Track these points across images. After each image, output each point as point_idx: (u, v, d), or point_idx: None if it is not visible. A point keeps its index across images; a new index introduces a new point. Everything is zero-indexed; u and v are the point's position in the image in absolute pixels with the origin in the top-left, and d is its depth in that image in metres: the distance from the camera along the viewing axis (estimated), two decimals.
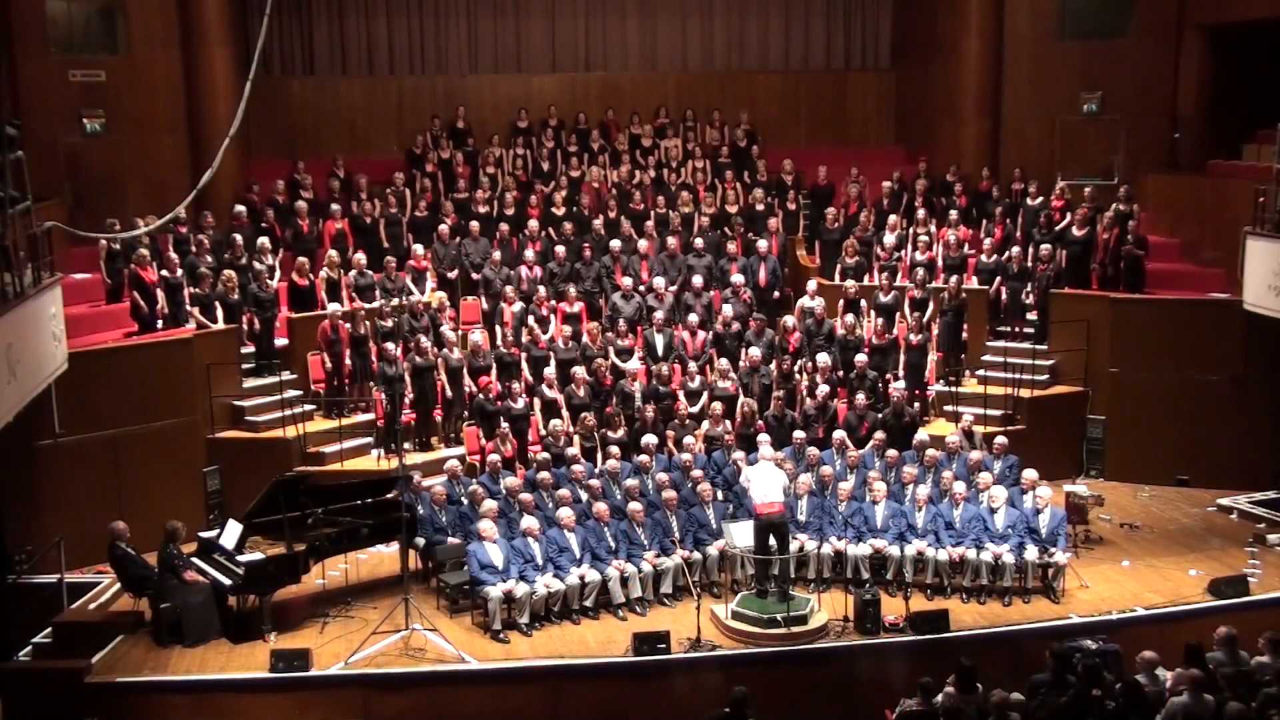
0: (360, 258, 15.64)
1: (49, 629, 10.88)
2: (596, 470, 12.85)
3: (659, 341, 15.05)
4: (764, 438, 13.04)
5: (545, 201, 17.41)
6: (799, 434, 13.27)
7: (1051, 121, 18.30)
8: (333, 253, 15.52)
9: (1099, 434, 15.07)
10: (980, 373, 15.29)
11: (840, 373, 14.67)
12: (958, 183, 17.36)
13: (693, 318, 15.37)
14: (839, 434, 13.27)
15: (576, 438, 13.52)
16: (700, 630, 10.87)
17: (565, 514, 11.68)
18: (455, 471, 12.72)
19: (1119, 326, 14.90)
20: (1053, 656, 9.27)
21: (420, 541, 12.07)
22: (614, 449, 13.06)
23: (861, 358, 14.37)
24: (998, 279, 15.72)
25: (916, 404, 14.55)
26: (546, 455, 12.90)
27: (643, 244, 16.56)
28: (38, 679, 10.22)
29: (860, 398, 13.94)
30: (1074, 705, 8.70)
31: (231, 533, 11.48)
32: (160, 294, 14.25)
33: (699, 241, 16.53)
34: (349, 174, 17.51)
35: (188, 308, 14.40)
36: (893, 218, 16.60)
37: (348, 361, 14.52)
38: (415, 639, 10.83)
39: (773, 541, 11.21)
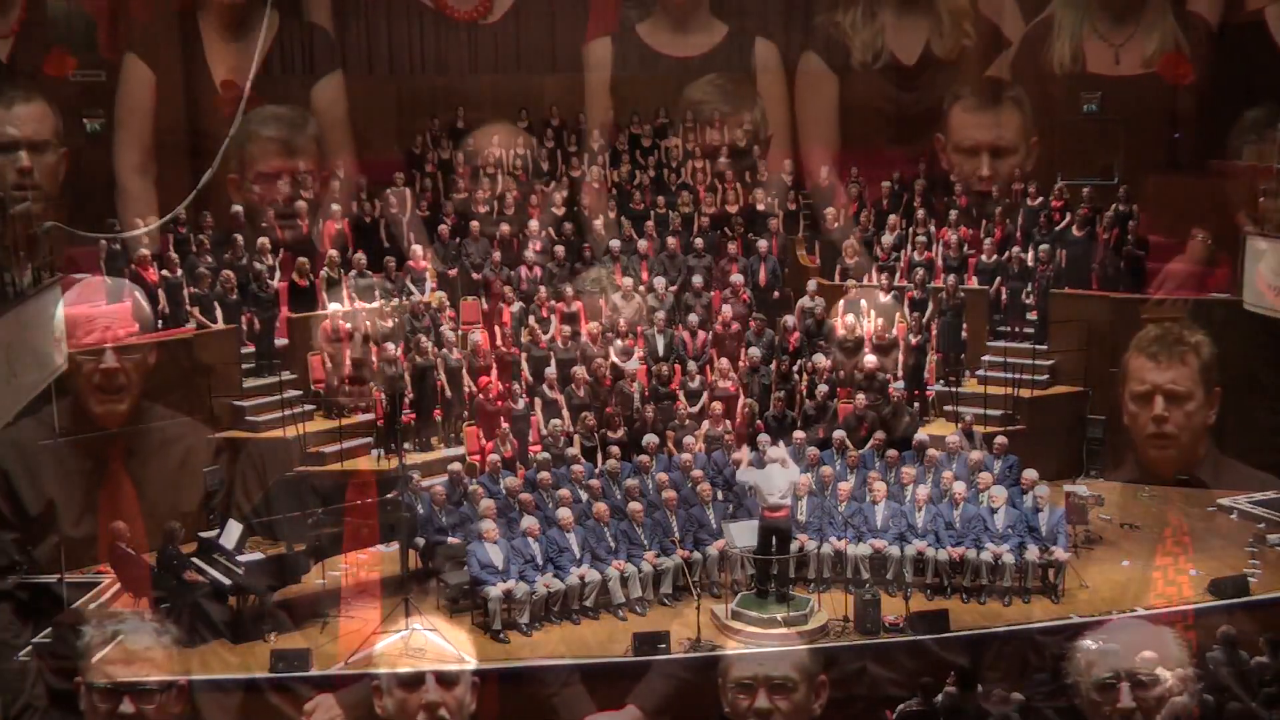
0: (360, 258, 15.64)
1: (49, 629, 10.87)
2: (596, 470, 12.85)
3: (659, 341, 15.04)
4: (764, 438, 13.03)
5: (545, 201, 17.41)
6: (799, 434, 13.27)
7: (1051, 121, 18.30)
8: (333, 253, 15.51)
9: (1099, 434, 15.06)
10: (980, 373, 15.27)
11: (841, 373, 14.67)
12: (958, 183, 17.35)
13: (693, 318, 15.36)
14: (839, 434, 13.27)
15: (576, 438, 13.52)
16: (700, 630, 10.87)
17: (565, 514, 11.67)
18: (455, 472, 12.72)
19: (1119, 326, 14.89)
20: (1053, 657, 9.26)
21: (420, 541, 12.07)
22: (614, 449, 13.06)
23: (871, 359, 14.35)
24: (998, 279, 15.71)
25: (916, 404, 14.55)
26: (546, 455, 12.90)
27: (643, 244, 16.56)
28: (38, 679, 10.19)
29: (860, 398, 13.94)
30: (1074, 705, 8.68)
31: (231, 533, 11.48)
32: (160, 294, 14.25)
33: (699, 241, 16.53)
34: (349, 174, 17.49)
35: (188, 308, 14.40)
36: (893, 218, 16.58)
37: (348, 361, 14.52)
38: (415, 639, 10.83)
39: (773, 542, 11.21)
